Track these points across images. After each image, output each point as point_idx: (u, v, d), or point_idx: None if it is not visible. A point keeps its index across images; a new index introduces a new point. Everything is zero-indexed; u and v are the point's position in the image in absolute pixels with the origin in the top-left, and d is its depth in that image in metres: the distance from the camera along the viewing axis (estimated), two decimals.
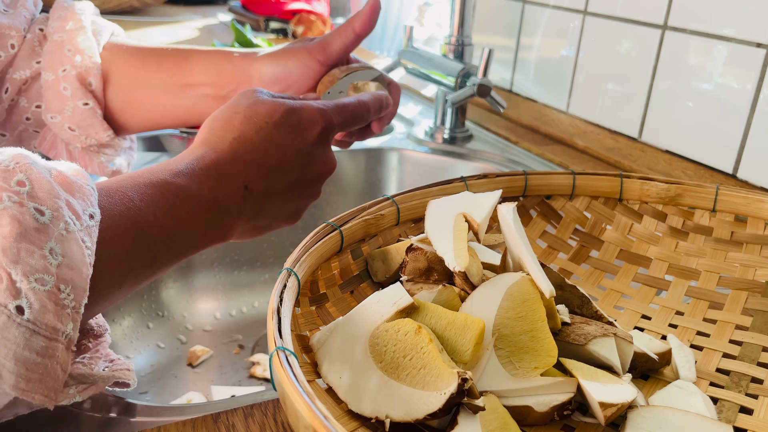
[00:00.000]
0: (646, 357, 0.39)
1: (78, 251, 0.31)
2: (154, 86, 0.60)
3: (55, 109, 0.58)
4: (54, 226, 0.30)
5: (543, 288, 0.37)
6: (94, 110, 0.59)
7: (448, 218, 0.42)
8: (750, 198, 0.50)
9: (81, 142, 0.60)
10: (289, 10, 1.65)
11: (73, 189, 0.34)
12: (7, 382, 0.29)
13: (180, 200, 0.40)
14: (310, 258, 0.41)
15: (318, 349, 0.37)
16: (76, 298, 0.31)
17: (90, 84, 0.59)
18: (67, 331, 0.30)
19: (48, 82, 0.58)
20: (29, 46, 0.59)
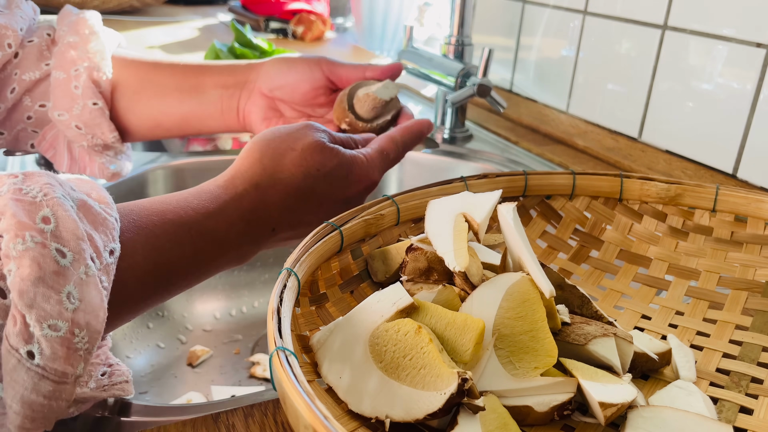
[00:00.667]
0: (646, 357, 0.39)
1: (96, 296, 0.31)
2: (163, 85, 0.61)
3: (63, 107, 0.58)
4: (74, 269, 0.30)
5: (543, 288, 0.37)
6: (103, 110, 0.59)
7: (448, 218, 0.42)
8: (750, 198, 0.50)
9: (87, 140, 0.60)
10: (289, 10, 1.64)
11: (97, 222, 0.33)
12: (13, 423, 0.29)
13: (207, 242, 0.40)
14: (310, 258, 0.41)
15: (318, 349, 0.37)
16: (89, 341, 0.30)
17: (100, 86, 0.59)
18: (77, 372, 0.30)
19: (58, 81, 0.58)
20: (37, 49, 0.59)
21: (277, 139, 0.46)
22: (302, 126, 0.48)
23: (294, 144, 0.45)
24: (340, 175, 0.46)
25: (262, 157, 0.44)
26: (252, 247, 0.44)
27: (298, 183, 0.44)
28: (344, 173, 0.47)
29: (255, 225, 0.43)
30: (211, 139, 1.05)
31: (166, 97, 0.61)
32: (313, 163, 0.45)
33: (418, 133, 0.54)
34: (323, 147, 0.46)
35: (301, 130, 0.47)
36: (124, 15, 1.73)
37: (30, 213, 0.30)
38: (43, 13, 0.65)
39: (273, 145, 0.45)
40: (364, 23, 1.53)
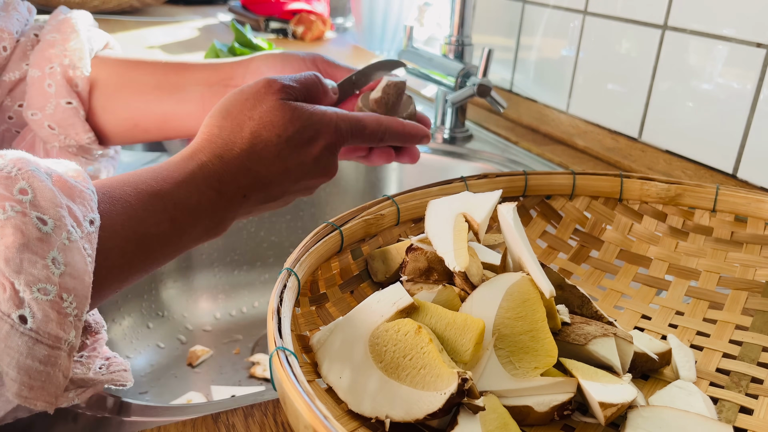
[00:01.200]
0: (646, 357, 0.39)
1: (80, 260, 0.31)
2: (143, 84, 0.59)
3: (37, 106, 0.57)
4: (56, 235, 0.30)
5: (543, 288, 0.37)
6: (77, 110, 0.58)
7: (448, 218, 0.42)
8: (750, 198, 0.50)
9: (60, 141, 0.59)
10: (289, 10, 1.64)
11: (74, 194, 0.34)
12: (11, 390, 0.29)
13: (180, 211, 0.41)
14: (310, 258, 0.41)
15: (318, 349, 0.37)
16: (78, 306, 0.31)
17: (76, 85, 0.58)
18: (69, 338, 0.30)
19: (33, 79, 0.57)
20: (21, 49, 0.59)
21: (234, 108, 0.45)
22: (260, 87, 0.46)
23: (252, 112, 0.44)
24: (306, 137, 0.45)
25: (221, 129, 0.44)
26: (226, 213, 0.44)
27: (260, 151, 0.44)
28: (310, 134, 0.46)
29: (225, 193, 0.43)
30: None
31: (145, 95, 0.59)
32: (274, 129, 0.44)
33: (408, 134, 0.52)
34: (282, 109, 0.45)
35: (259, 92, 0.45)
36: (124, 15, 1.73)
37: (7, 186, 0.30)
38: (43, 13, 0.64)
39: (231, 116, 0.45)
40: (364, 23, 1.53)
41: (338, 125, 0.47)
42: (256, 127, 0.44)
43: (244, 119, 0.44)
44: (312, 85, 0.49)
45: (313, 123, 0.46)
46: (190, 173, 0.42)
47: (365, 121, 0.49)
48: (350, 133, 0.48)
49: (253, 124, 0.44)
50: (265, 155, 0.44)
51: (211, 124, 0.45)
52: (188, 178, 0.42)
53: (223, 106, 0.46)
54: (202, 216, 0.42)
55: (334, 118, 0.47)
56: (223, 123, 0.45)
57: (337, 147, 0.48)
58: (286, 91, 0.46)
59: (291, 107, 0.45)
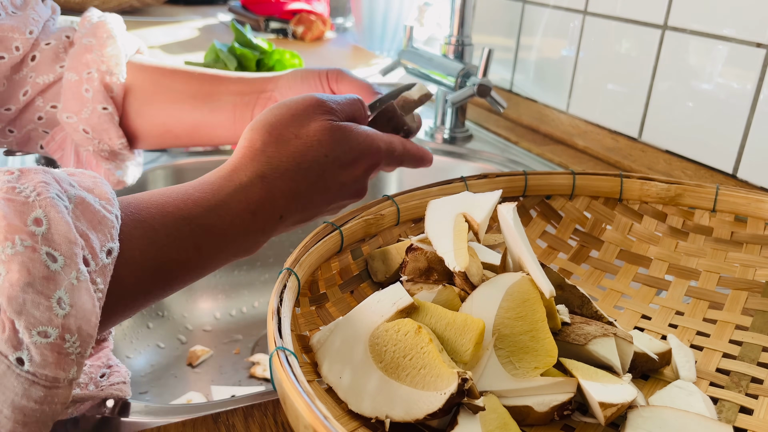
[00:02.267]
0: (646, 357, 0.39)
1: (88, 301, 0.30)
2: (177, 91, 0.59)
3: (73, 110, 0.58)
4: (65, 274, 0.29)
5: (543, 288, 0.37)
6: (112, 116, 0.58)
7: (448, 218, 0.42)
8: (750, 198, 0.50)
9: (93, 145, 0.59)
10: (289, 10, 1.64)
11: (95, 221, 0.32)
12: (4, 428, 0.28)
13: (208, 237, 0.39)
14: (310, 258, 0.41)
15: (318, 349, 0.37)
16: (81, 345, 0.30)
17: (111, 90, 0.58)
18: (69, 376, 0.29)
19: (70, 83, 0.57)
20: (53, 51, 0.59)
21: (279, 124, 0.43)
22: (307, 105, 0.44)
23: (299, 130, 0.43)
24: (351, 158, 0.45)
25: (265, 146, 0.42)
26: (260, 236, 0.42)
27: (306, 170, 0.42)
28: (355, 156, 0.45)
29: (261, 215, 0.41)
30: None
31: (178, 103, 0.59)
32: (321, 150, 0.43)
33: (421, 158, 0.53)
34: (331, 130, 0.44)
35: (308, 110, 0.44)
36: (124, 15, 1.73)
37: (21, 214, 0.29)
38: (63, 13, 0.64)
39: (276, 132, 0.43)
40: (364, 23, 1.53)
41: (380, 147, 0.47)
42: (303, 146, 0.43)
43: (290, 136, 0.43)
44: (356, 109, 0.48)
45: (360, 144, 0.45)
46: (226, 197, 0.40)
47: (394, 144, 0.49)
48: (387, 155, 0.48)
49: (299, 142, 0.43)
50: (309, 175, 0.43)
51: (254, 138, 0.43)
52: (223, 202, 0.39)
53: (267, 120, 0.44)
54: (232, 241, 0.40)
55: (376, 140, 0.47)
56: (267, 138, 0.43)
57: (375, 169, 0.48)
58: (335, 113, 0.45)
59: (341, 128, 0.44)
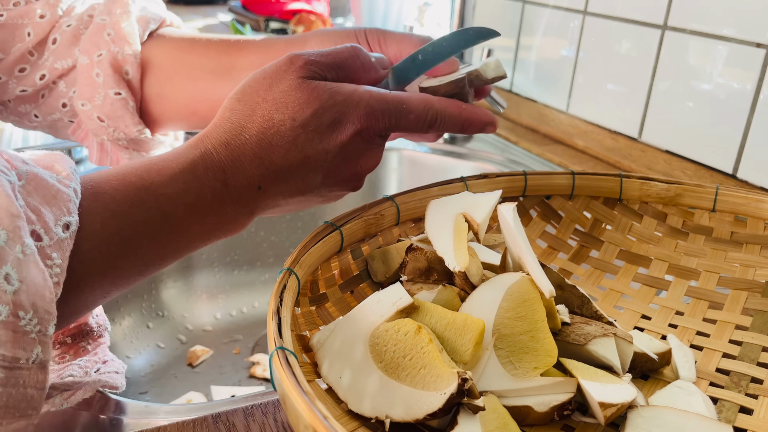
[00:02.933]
0: (646, 357, 0.39)
1: (38, 275, 0.29)
2: (197, 68, 0.55)
3: (86, 96, 0.54)
4: (10, 248, 0.28)
5: (543, 288, 0.37)
6: (126, 101, 0.55)
7: (449, 218, 0.42)
8: (750, 198, 0.50)
9: (108, 134, 0.56)
10: (289, 10, 1.65)
11: (49, 195, 0.31)
12: None
13: (175, 206, 0.36)
14: (310, 258, 0.41)
15: (318, 349, 0.37)
16: (40, 323, 0.28)
17: (126, 73, 0.54)
18: (32, 356, 0.28)
19: (82, 66, 0.54)
20: (73, 33, 0.55)
21: (250, 89, 0.40)
22: (281, 64, 0.40)
23: (267, 93, 0.39)
24: (326, 120, 0.39)
25: (233, 113, 0.39)
26: (239, 208, 0.39)
27: (271, 137, 0.38)
28: (332, 117, 0.39)
29: (234, 185, 0.38)
30: None
31: (199, 81, 0.54)
32: (287, 111, 0.38)
33: (467, 120, 0.43)
34: (299, 88, 0.38)
35: (279, 70, 0.39)
36: None
37: None
38: None
39: (246, 97, 0.39)
40: (364, 23, 1.53)
41: (370, 105, 0.40)
42: (269, 109, 0.39)
43: (258, 101, 0.39)
44: (345, 59, 0.41)
45: (336, 103, 0.39)
46: (189, 163, 0.37)
47: (410, 104, 0.41)
48: (389, 115, 0.40)
49: (266, 106, 0.39)
50: (277, 142, 0.38)
51: (225, 107, 0.40)
52: (186, 168, 0.37)
53: (241, 87, 0.40)
54: (206, 211, 0.38)
55: (365, 97, 0.40)
56: (236, 105, 0.40)
57: (372, 132, 0.41)
58: (309, 67, 0.39)
59: (310, 86, 0.39)
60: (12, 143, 0.96)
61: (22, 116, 0.59)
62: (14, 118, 0.59)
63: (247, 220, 0.40)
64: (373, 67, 0.43)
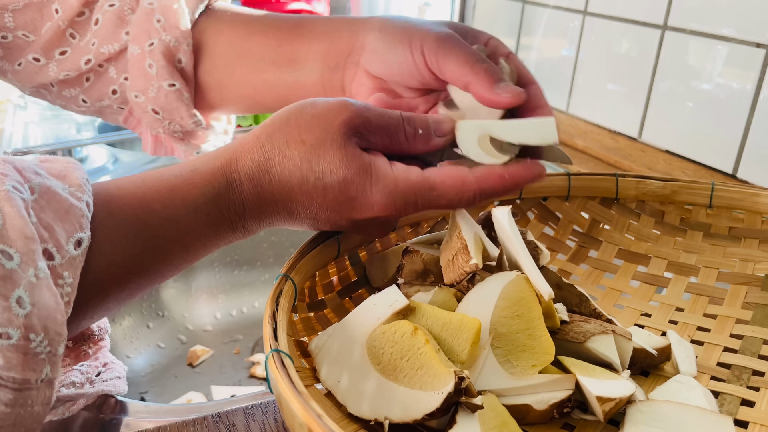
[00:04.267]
0: (646, 353, 0.39)
1: (50, 299, 0.28)
2: (257, 57, 0.52)
3: (140, 88, 0.52)
4: (23, 271, 0.27)
5: (542, 291, 0.37)
6: (181, 93, 0.53)
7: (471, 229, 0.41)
8: (746, 193, 0.50)
9: (164, 127, 0.55)
10: (289, 10, 1.64)
11: (62, 210, 0.31)
12: None
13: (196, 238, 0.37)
14: (307, 264, 0.41)
15: (316, 354, 0.37)
16: (51, 344, 0.28)
17: (179, 61, 0.53)
18: (42, 376, 0.28)
19: (134, 57, 0.52)
20: (117, 14, 0.53)
21: (294, 121, 0.37)
22: (335, 108, 0.37)
23: (307, 135, 0.37)
24: (348, 194, 0.37)
25: (267, 140, 0.37)
26: (246, 233, 0.39)
27: (293, 188, 0.37)
28: (354, 193, 0.37)
29: (250, 218, 0.38)
30: None
31: (262, 72, 0.52)
32: (316, 169, 0.36)
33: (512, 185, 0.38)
34: (338, 149, 0.36)
35: (329, 115, 0.37)
36: None
37: None
38: None
39: (285, 129, 0.37)
40: None
41: (395, 194, 0.37)
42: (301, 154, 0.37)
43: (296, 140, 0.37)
44: (395, 127, 0.38)
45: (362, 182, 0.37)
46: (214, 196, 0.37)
47: (441, 189, 0.37)
48: (414, 204, 0.37)
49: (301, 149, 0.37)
50: (296, 194, 0.37)
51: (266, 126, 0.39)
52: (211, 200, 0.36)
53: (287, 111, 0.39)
54: (219, 239, 0.38)
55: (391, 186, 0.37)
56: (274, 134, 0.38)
57: (390, 220, 0.40)
58: (357, 128, 0.37)
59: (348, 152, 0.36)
60: (12, 143, 0.96)
61: (68, 100, 0.57)
62: (60, 102, 0.58)
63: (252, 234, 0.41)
64: (422, 138, 0.39)
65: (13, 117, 1.08)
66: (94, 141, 0.91)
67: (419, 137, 0.39)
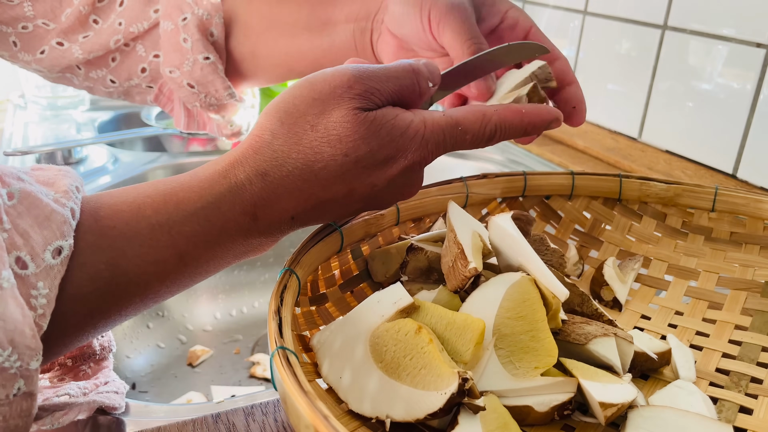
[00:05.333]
0: (646, 356, 0.39)
1: (16, 311, 0.26)
2: (290, 24, 0.51)
3: (174, 63, 0.52)
4: None
5: (557, 292, 0.36)
6: (215, 65, 0.53)
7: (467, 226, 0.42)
8: (749, 198, 0.50)
9: (200, 101, 0.54)
10: None
11: (42, 216, 0.29)
12: None
13: (195, 245, 0.33)
14: (310, 258, 0.41)
15: (318, 350, 0.37)
16: (21, 358, 0.26)
17: (211, 34, 0.53)
18: (13, 391, 0.26)
19: (167, 33, 0.52)
20: None
21: (296, 111, 0.35)
22: (334, 86, 0.35)
23: (316, 120, 0.34)
24: (381, 157, 0.35)
25: (274, 138, 0.35)
26: (265, 239, 0.36)
27: (318, 171, 0.34)
28: (387, 154, 0.35)
29: (265, 218, 0.35)
30: (211, 139, 1.05)
31: (295, 38, 0.51)
32: (340, 146, 0.34)
33: (530, 124, 0.39)
34: (356, 123, 0.34)
35: (332, 93, 0.35)
36: None
37: None
38: None
39: (290, 121, 0.35)
40: None
41: (426, 139, 0.36)
42: (318, 140, 0.34)
43: (306, 128, 0.35)
44: (406, 86, 0.37)
45: (394, 140, 0.35)
46: (214, 199, 0.33)
47: (465, 124, 0.37)
48: (443, 144, 0.37)
49: (316, 136, 0.34)
50: (323, 176, 0.34)
51: (264, 126, 0.35)
52: (210, 204, 0.33)
53: (284, 103, 0.36)
54: (228, 246, 0.35)
55: (420, 131, 0.36)
56: (279, 129, 0.35)
57: (422, 164, 0.37)
58: (368, 97, 0.35)
59: (367, 121, 0.35)
60: (12, 143, 0.96)
61: (96, 82, 0.58)
62: (87, 84, 0.58)
63: (270, 246, 0.37)
64: (427, 91, 0.39)
65: (13, 117, 1.07)
66: (94, 141, 0.90)
67: (425, 92, 0.38)
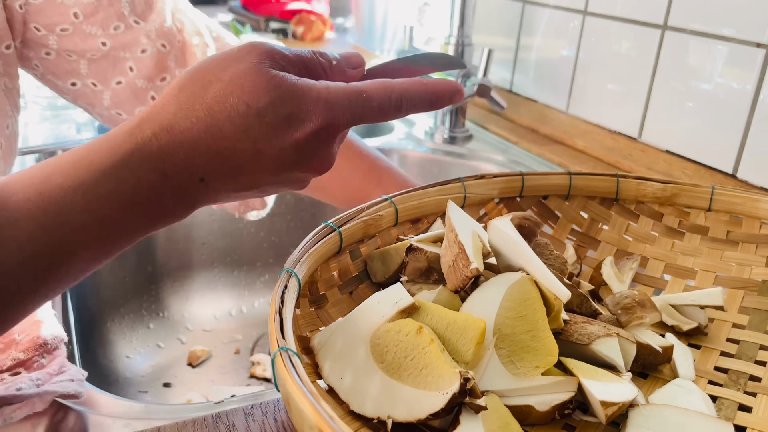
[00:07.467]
0: (650, 349, 0.39)
1: None
2: None
3: None
4: None
5: (559, 293, 0.37)
6: None
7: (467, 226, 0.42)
8: (745, 197, 0.50)
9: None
10: (289, 10, 1.65)
11: None
12: None
13: (110, 207, 0.33)
14: (310, 259, 0.41)
15: (319, 351, 0.37)
16: None
17: None
18: None
19: None
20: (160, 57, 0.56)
21: (204, 67, 0.36)
22: (243, 47, 0.36)
23: (222, 73, 0.35)
24: (283, 113, 0.35)
25: (180, 92, 0.35)
26: (179, 200, 0.36)
27: (222, 122, 0.34)
28: (289, 111, 0.35)
29: (174, 176, 0.34)
30: None
31: None
32: (243, 97, 0.34)
33: (434, 94, 0.40)
34: (258, 75, 0.35)
35: (240, 53, 0.36)
36: None
37: None
38: None
39: (197, 76, 0.36)
40: (364, 23, 1.53)
41: (329, 101, 0.36)
42: (222, 90, 0.35)
43: (211, 80, 0.35)
44: (309, 60, 0.39)
45: (295, 97, 0.35)
46: (124, 155, 0.33)
47: (369, 91, 0.37)
48: (350, 109, 0.37)
49: (220, 86, 0.35)
50: (227, 129, 0.35)
51: (173, 85, 0.36)
52: (119, 162, 0.33)
53: (194, 66, 0.37)
54: (144, 207, 0.34)
55: (323, 93, 0.36)
56: (185, 84, 0.36)
57: (331, 131, 0.37)
58: (272, 57, 0.36)
59: (269, 73, 0.35)
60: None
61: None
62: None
63: (188, 212, 0.37)
64: (338, 68, 0.40)
65: None
66: None
67: (335, 68, 0.39)
